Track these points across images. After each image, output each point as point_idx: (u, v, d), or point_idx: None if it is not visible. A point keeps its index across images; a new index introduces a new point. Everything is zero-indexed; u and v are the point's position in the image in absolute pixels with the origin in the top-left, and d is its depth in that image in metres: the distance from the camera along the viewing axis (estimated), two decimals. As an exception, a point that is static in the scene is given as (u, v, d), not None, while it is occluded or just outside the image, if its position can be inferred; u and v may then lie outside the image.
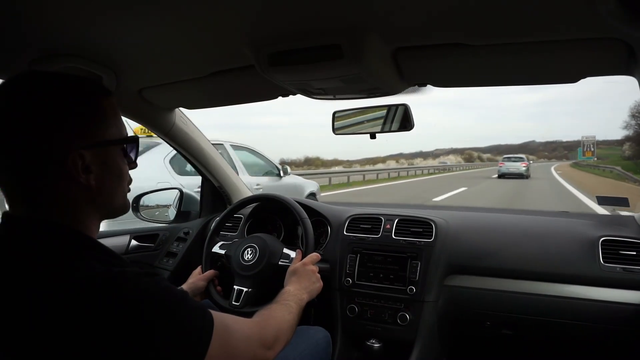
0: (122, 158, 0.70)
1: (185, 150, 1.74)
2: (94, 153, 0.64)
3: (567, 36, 0.84)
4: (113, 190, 0.69)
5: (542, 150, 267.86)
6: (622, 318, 1.20)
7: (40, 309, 0.54)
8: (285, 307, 0.96)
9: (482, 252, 1.39)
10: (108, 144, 0.67)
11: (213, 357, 0.62)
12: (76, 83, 0.66)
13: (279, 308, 0.95)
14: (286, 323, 0.90)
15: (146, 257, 1.76)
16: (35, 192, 0.62)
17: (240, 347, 0.70)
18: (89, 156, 0.63)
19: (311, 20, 0.83)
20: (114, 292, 0.55)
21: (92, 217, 0.67)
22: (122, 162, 0.70)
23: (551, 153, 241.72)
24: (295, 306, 1.00)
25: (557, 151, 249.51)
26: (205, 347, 0.61)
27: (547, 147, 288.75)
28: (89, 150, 0.63)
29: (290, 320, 0.93)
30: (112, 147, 0.68)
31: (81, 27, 0.86)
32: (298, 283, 1.13)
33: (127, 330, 0.54)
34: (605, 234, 1.31)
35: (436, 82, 1.15)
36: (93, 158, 0.64)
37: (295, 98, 1.33)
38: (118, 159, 0.69)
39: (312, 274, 1.19)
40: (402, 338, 1.37)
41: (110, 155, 0.68)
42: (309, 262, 1.23)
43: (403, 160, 59.56)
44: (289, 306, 0.98)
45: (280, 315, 0.91)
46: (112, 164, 0.68)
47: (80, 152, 0.62)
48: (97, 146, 0.65)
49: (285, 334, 0.87)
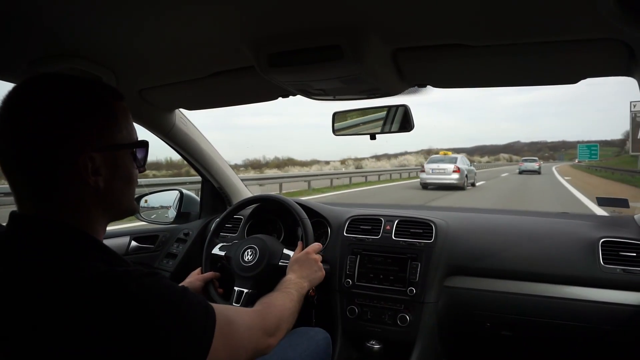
0: (131, 162, 0.71)
1: (185, 151, 1.74)
2: (104, 156, 0.65)
3: (567, 37, 0.84)
4: (121, 192, 0.70)
5: (527, 150, 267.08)
6: (622, 319, 1.20)
7: (45, 307, 0.54)
8: (286, 295, 0.97)
9: (482, 253, 1.39)
10: (119, 147, 0.68)
11: (217, 350, 0.63)
12: (89, 86, 0.67)
13: (280, 296, 0.96)
14: (287, 310, 0.91)
15: (146, 258, 1.75)
16: (44, 192, 0.62)
17: (243, 337, 0.71)
18: (99, 159, 0.64)
19: (311, 21, 0.83)
20: (118, 290, 0.56)
21: (99, 218, 0.68)
22: (131, 166, 0.71)
23: (536, 153, 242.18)
24: (296, 294, 1.01)
25: (542, 151, 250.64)
26: (209, 341, 0.62)
27: (532, 147, 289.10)
28: (99, 152, 0.64)
29: (291, 308, 0.94)
30: (123, 150, 0.69)
31: (81, 27, 0.86)
32: (300, 271, 1.14)
33: (132, 328, 0.55)
34: (605, 235, 1.31)
35: (436, 82, 1.15)
36: (103, 160, 0.65)
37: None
38: (128, 162, 0.70)
39: (314, 262, 1.20)
40: (402, 339, 1.37)
41: (120, 158, 0.68)
42: (312, 251, 1.23)
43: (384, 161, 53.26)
44: (289, 294, 0.99)
45: (281, 303, 0.92)
46: (121, 167, 0.69)
47: (91, 155, 0.63)
48: (107, 149, 0.66)
49: (286, 321, 0.89)
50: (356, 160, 47.84)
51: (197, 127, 1.75)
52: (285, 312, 0.90)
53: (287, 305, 0.93)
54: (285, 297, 0.96)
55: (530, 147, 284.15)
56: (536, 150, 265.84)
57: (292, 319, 0.93)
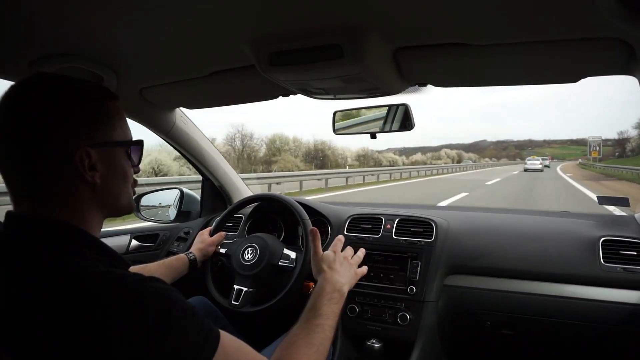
0: (126, 160, 0.72)
1: (185, 150, 1.74)
2: (100, 152, 0.66)
3: (567, 36, 0.84)
4: (118, 190, 0.71)
5: (493, 149, 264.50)
6: (623, 318, 1.20)
7: (41, 306, 0.54)
8: (315, 333, 0.79)
9: (482, 252, 1.39)
10: (114, 144, 0.69)
11: None
12: (82, 84, 0.68)
13: (305, 338, 0.78)
14: (314, 355, 0.76)
15: (146, 256, 1.76)
16: (41, 189, 0.63)
17: None
18: (95, 155, 0.65)
19: (312, 20, 0.83)
20: (114, 294, 0.55)
21: (96, 215, 0.68)
22: (126, 164, 0.72)
23: (501, 152, 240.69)
24: (329, 322, 0.84)
25: (508, 150, 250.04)
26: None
27: (498, 146, 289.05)
28: (95, 148, 0.65)
29: (321, 349, 0.78)
30: (118, 148, 0.70)
31: (82, 27, 0.86)
32: (332, 282, 0.94)
33: (126, 336, 0.54)
34: (605, 234, 1.31)
35: (436, 81, 1.15)
36: (99, 157, 0.66)
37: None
38: (123, 160, 0.71)
39: (345, 262, 1.03)
40: (403, 338, 1.37)
41: (115, 156, 0.69)
42: (339, 250, 1.05)
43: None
44: (320, 327, 0.81)
45: (304, 352, 0.75)
46: (117, 164, 0.70)
47: (87, 150, 0.64)
48: (103, 145, 0.67)
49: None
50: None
51: (199, 126, 1.75)
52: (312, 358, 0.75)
53: (313, 350, 0.76)
54: (314, 337, 0.78)
55: (496, 146, 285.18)
56: (502, 149, 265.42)
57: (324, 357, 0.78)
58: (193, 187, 2.21)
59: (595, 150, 55.69)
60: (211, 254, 1.42)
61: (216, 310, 1.40)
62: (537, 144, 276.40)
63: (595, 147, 56.48)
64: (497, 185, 18.55)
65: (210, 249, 1.42)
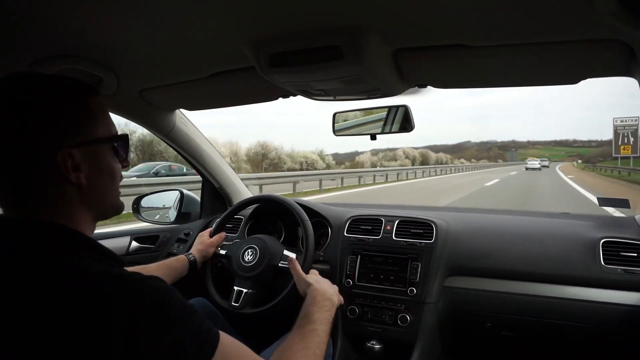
0: (112, 157, 0.70)
1: (185, 151, 1.74)
2: (83, 151, 0.64)
3: (567, 37, 0.84)
4: (105, 189, 0.69)
5: (476, 150, 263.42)
6: (623, 319, 1.19)
7: (40, 307, 0.54)
8: (308, 338, 0.83)
9: (482, 254, 1.39)
10: (97, 142, 0.67)
11: None
12: (62, 82, 0.66)
13: (301, 342, 0.82)
14: (312, 357, 0.79)
15: (146, 258, 1.75)
16: (26, 192, 0.62)
17: None
18: (78, 155, 0.63)
19: (312, 21, 0.83)
20: (112, 293, 0.55)
21: (86, 217, 0.67)
22: (113, 161, 0.70)
23: (485, 153, 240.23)
24: (323, 327, 0.89)
25: (491, 151, 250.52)
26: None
27: (482, 147, 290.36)
28: (78, 148, 0.63)
29: (317, 353, 0.81)
30: (102, 145, 0.68)
31: (81, 28, 0.86)
32: (322, 292, 1.02)
33: (124, 334, 0.53)
34: (606, 235, 1.31)
35: (436, 83, 1.15)
36: (83, 156, 0.64)
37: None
38: (109, 157, 0.69)
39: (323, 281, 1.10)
40: (403, 339, 1.36)
41: (100, 153, 0.68)
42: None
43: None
44: (314, 332, 0.85)
45: (301, 355, 0.78)
46: (103, 162, 0.68)
47: (69, 151, 0.62)
48: (85, 144, 0.65)
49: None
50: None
51: (199, 127, 1.75)
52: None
53: (311, 352, 0.79)
54: (309, 341, 0.82)
55: (480, 147, 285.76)
56: (486, 150, 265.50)
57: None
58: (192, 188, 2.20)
59: (628, 145, 32.69)
60: (211, 255, 1.42)
61: (216, 311, 1.40)
62: (520, 145, 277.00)
63: (628, 137, 32.66)
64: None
65: (210, 250, 1.42)
